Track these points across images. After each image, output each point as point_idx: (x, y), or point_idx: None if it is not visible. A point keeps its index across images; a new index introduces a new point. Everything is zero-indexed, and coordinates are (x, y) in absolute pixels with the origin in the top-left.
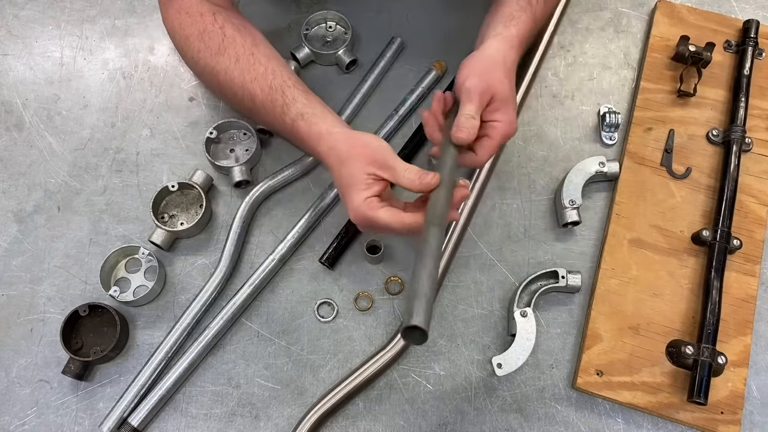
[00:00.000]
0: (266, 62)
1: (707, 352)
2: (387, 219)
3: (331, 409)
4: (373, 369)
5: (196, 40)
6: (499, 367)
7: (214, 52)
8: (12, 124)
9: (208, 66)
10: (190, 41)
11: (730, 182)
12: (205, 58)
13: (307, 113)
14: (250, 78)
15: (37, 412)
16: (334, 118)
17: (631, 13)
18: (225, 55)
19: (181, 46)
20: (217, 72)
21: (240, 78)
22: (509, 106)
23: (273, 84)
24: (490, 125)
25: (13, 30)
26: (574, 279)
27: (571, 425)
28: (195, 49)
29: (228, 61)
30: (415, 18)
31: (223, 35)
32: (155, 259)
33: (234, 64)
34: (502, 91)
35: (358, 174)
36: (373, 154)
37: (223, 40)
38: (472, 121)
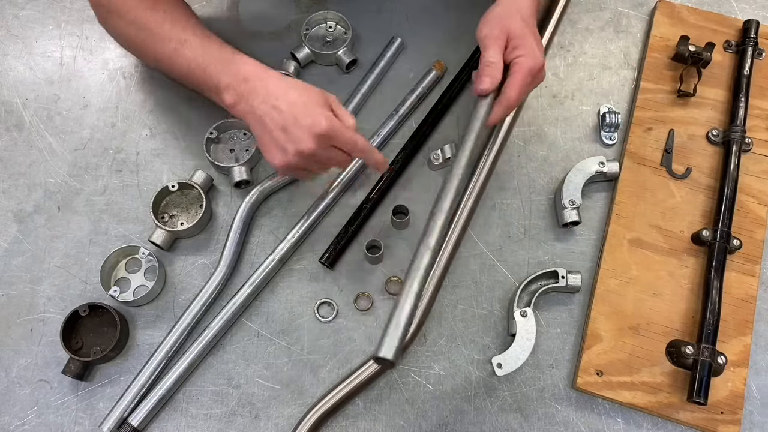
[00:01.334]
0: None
1: (707, 352)
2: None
3: (331, 409)
4: (373, 369)
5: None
6: (499, 367)
7: (146, 6)
8: (12, 124)
9: (139, 21)
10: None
11: (730, 182)
12: (135, 11)
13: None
14: (180, 28)
15: (37, 412)
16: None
17: (631, 13)
18: (157, 10)
19: (110, 1)
20: (146, 23)
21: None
22: (529, 41)
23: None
24: (513, 63)
25: (13, 30)
26: (574, 279)
27: (571, 425)
28: (128, 4)
29: (160, 15)
30: (415, 18)
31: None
32: (155, 259)
33: (165, 16)
34: (518, 29)
35: (319, 96)
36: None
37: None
38: (491, 66)
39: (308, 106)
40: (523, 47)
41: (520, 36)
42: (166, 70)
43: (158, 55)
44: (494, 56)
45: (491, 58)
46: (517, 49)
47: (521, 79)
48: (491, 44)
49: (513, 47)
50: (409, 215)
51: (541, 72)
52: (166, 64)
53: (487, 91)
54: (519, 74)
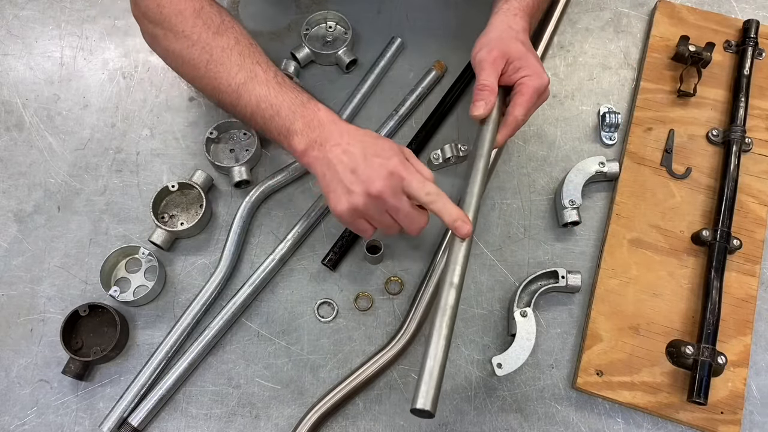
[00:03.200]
0: (255, 47)
1: (707, 352)
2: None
3: (330, 409)
4: (373, 369)
5: (192, 16)
6: (499, 367)
7: (213, 31)
8: (12, 124)
9: (209, 46)
10: (184, 16)
11: (730, 182)
12: (200, 33)
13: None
14: (251, 61)
15: (37, 412)
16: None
17: (631, 13)
18: (224, 36)
19: (167, 20)
20: (212, 48)
21: (238, 58)
22: (531, 61)
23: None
24: (518, 83)
25: (13, 30)
26: (574, 279)
27: (571, 425)
28: (189, 24)
29: (227, 41)
30: (415, 18)
31: (221, 18)
32: (155, 259)
33: (234, 44)
34: (517, 50)
35: (393, 144)
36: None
37: (222, 22)
38: (485, 89)
39: (382, 148)
40: (527, 67)
41: (521, 57)
42: (228, 103)
43: (222, 86)
44: (488, 79)
45: (485, 80)
46: (520, 70)
47: (528, 99)
48: (487, 67)
49: (515, 69)
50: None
51: (546, 91)
52: (230, 97)
53: (482, 116)
54: (525, 94)
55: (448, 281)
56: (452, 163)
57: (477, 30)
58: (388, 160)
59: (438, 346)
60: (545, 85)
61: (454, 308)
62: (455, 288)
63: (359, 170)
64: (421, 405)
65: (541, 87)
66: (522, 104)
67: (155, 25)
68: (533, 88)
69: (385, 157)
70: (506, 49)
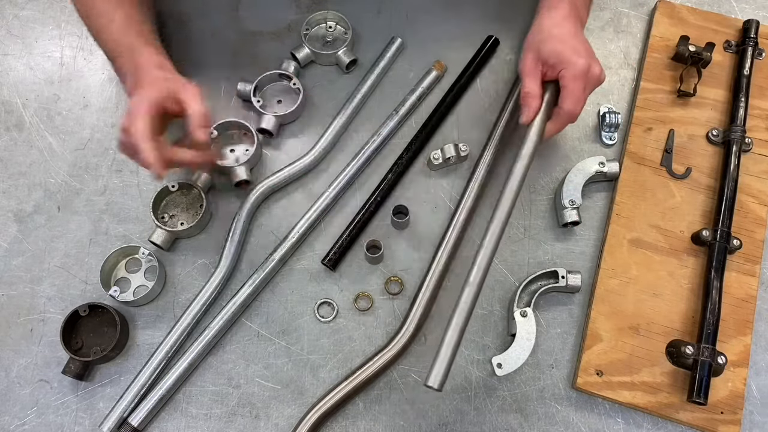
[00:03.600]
0: None
1: (707, 352)
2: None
3: (330, 409)
4: (373, 369)
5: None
6: (499, 367)
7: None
8: (12, 124)
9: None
10: None
11: (730, 182)
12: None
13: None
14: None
15: (37, 412)
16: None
17: (631, 13)
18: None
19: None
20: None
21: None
22: (564, 54)
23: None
24: (560, 78)
25: (13, 30)
26: (574, 279)
27: (571, 425)
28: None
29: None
30: (415, 18)
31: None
32: (155, 259)
33: None
34: (547, 51)
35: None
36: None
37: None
38: (527, 96)
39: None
40: (561, 62)
41: (553, 54)
42: (100, 47)
43: (91, 29)
44: (529, 86)
45: (527, 88)
46: (556, 66)
47: (570, 90)
48: (526, 75)
49: (552, 67)
50: (409, 215)
51: (589, 72)
52: (98, 40)
53: (528, 121)
54: (567, 87)
55: (469, 282)
56: (452, 163)
57: (477, 30)
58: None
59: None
60: (582, 69)
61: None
62: (475, 287)
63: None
64: (431, 383)
65: (578, 73)
66: (567, 96)
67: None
68: (571, 78)
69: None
70: (538, 51)
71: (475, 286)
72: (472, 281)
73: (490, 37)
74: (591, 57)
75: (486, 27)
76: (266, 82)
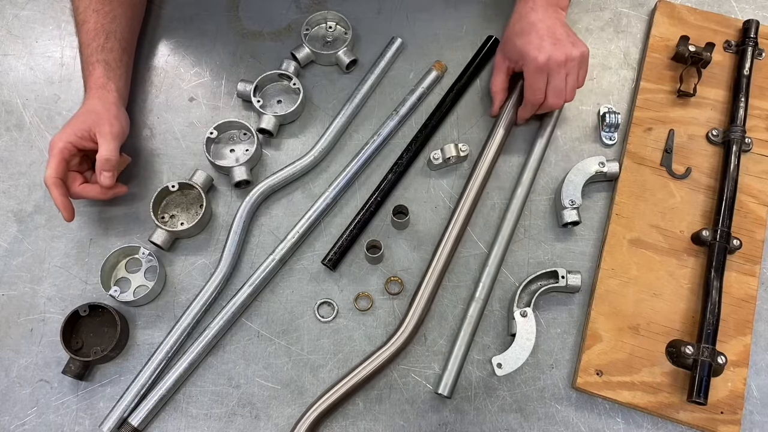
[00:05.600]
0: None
1: (707, 352)
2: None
3: (329, 408)
4: (372, 368)
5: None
6: (499, 367)
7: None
8: (12, 124)
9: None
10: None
11: (730, 182)
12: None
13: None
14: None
15: (37, 412)
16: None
17: (631, 13)
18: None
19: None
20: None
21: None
22: (522, 51)
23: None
24: (525, 82)
25: (13, 30)
26: (574, 279)
27: (571, 425)
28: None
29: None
30: (415, 18)
31: None
32: (155, 259)
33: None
34: (509, 48)
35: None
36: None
37: None
38: (494, 93)
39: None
40: (521, 58)
41: (514, 52)
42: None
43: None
44: (495, 81)
45: (493, 85)
46: (518, 62)
47: (529, 83)
48: (495, 72)
49: (515, 62)
50: (409, 215)
51: (545, 65)
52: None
53: (493, 113)
54: (527, 80)
55: (476, 298)
56: (452, 163)
57: (477, 30)
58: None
59: (461, 347)
60: (540, 64)
61: (477, 319)
62: (481, 302)
63: None
64: (440, 391)
65: (535, 67)
66: (527, 88)
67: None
68: (530, 72)
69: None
70: (504, 51)
71: (480, 302)
72: (478, 297)
73: (490, 37)
74: (557, 45)
75: (486, 27)
76: (266, 82)
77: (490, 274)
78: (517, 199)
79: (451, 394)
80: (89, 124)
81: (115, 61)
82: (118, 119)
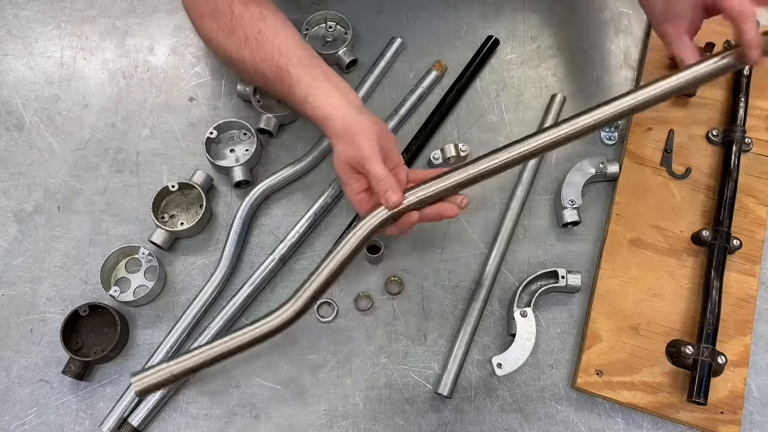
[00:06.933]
0: (273, 38)
1: (707, 352)
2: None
3: (190, 370)
4: (254, 335)
5: (209, 20)
6: (499, 367)
7: (226, 32)
8: (12, 124)
9: (221, 46)
10: (204, 21)
11: (730, 182)
12: (218, 38)
13: (311, 95)
14: (259, 58)
15: (37, 412)
16: (338, 98)
17: (631, 13)
18: (235, 34)
19: (197, 26)
20: (230, 52)
21: (251, 58)
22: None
23: (279, 63)
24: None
25: (13, 30)
26: (574, 279)
27: (571, 425)
28: (209, 29)
29: (238, 40)
30: (415, 18)
31: (231, 13)
32: (155, 259)
33: (244, 44)
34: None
35: (342, 168)
36: (355, 154)
37: (232, 19)
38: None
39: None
40: None
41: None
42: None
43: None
44: (685, 50)
45: (682, 54)
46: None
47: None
48: (672, 39)
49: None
50: None
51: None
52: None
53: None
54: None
55: (475, 299)
56: (452, 163)
57: (477, 30)
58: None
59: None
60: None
61: (477, 320)
62: (481, 302)
63: None
64: (440, 390)
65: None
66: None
67: (193, 26)
68: None
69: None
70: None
71: (480, 302)
72: (478, 297)
73: (490, 37)
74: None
75: (486, 27)
76: None
77: (490, 274)
78: (517, 199)
79: (451, 394)
80: None
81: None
82: None
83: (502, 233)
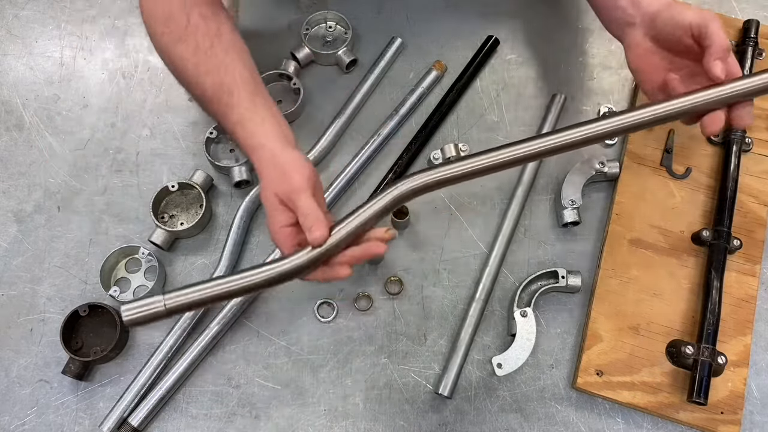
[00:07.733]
0: (223, 56)
1: (707, 352)
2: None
3: None
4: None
5: (161, 24)
6: (499, 367)
7: (176, 38)
8: (12, 124)
9: (167, 50)
10: (154, 21)
11: (730, 182)
12: (166, 42)
13: (246, 119)
14: (204, 70)
15: (37, 412)
16: (274, 128)
17: None
18: (185, 42)
19: (147, 26)
20: (175, 58)
21: (194, 69)
22: (708, 18)
23: (223, 80)
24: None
25: (13, 30)
26: (574, 279)
27: (571, 425)
28: (159, 32)
29: (187, 48)
30: (415, 18)
31: (187, 22)
32: (155, 259)
33: (192, 53)
34: (680, 22)
35: (269, 198)
36: (285, 186)
37: (186, 27)
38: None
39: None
40: (702, 21)
41: (683, 20)
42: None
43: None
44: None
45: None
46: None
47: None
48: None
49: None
50: (409, 215)
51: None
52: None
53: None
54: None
55: (477, 299)
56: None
57: (477, 30)
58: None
59: (460, 348)
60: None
61: (477, 320)
62: (482, 302)
63: None
64: (441, 391)
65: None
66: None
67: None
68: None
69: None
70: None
71: (480, 302)
72: (478, 297)
73: (490, 37)
74: None
75: (486, 27)
76: (266, 82)
77: (490, 274)
78: (517, 199)
79: (451, 395)
80: None
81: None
82: None
83: (502, 233)
